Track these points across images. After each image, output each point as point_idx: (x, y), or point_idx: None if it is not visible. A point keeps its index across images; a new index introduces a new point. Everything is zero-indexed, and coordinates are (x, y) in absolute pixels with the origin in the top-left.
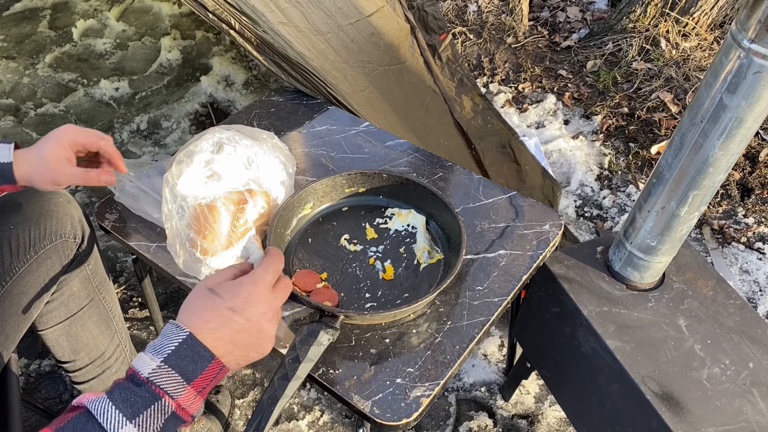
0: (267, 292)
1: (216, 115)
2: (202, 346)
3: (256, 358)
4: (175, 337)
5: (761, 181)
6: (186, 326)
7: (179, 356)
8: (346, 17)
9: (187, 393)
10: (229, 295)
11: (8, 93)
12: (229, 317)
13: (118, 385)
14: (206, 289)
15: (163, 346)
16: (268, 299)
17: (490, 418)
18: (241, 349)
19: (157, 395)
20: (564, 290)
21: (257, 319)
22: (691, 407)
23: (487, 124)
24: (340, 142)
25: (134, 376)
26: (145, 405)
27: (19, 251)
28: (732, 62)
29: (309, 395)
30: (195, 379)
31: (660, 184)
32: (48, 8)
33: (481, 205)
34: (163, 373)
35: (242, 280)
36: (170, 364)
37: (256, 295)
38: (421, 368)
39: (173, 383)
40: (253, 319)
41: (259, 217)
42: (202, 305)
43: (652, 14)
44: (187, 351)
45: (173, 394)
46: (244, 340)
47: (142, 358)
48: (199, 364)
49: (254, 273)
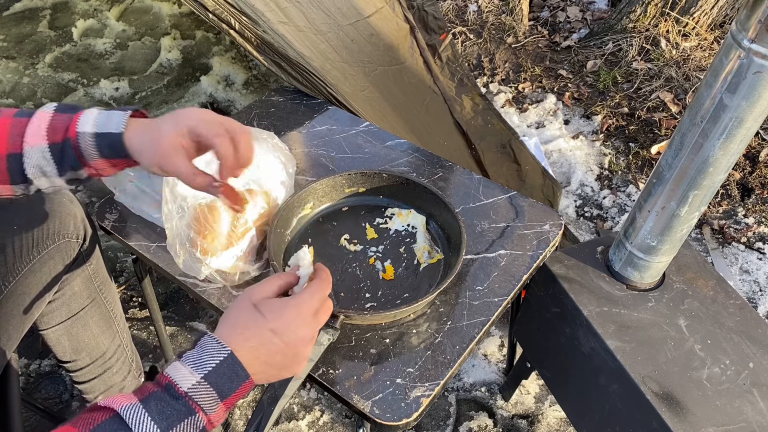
0: (310, 318)
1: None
2: (241, 366)
3: (286, 377)
4: (217, 354)
5: (761, 181)
6: (226, 342)
7: (219, 374)
8: (345, 17)
9: (219, 410)
10: (272, 315)
11: (8, 93)
12: (269, 339)
13: (154, 394)
14: (250, 305)
15: (203, 362)
16: (310, 324)
17: (490, 418)
18: (274, 369)
19: (193, 410)
20: (564, 290)
21: (296, 344)
22: (691, 407)
23: (487, 124)
24: (340, 142)
25: (171, 388)
26: (180, 419)
27: (22, 251)
28: (732, 62)
29: (309, 395)
30: (229, 396)
31: (660, 184)
32: (48, 8)
33: (481, 205)
34: (202, 390)
35: (288, 302)
36: (210, 381)
37: (299, 320)
38: (421, 368)
39: (209, 400)
40: (292, 344)
41: (259, 217)
42: (245, 322)
43: (652, 14)
44: (226, 370)
45: (207, 410)
46: (279, 361)
47: (180, 369)
48: (235, 383)
49: (301, 297)
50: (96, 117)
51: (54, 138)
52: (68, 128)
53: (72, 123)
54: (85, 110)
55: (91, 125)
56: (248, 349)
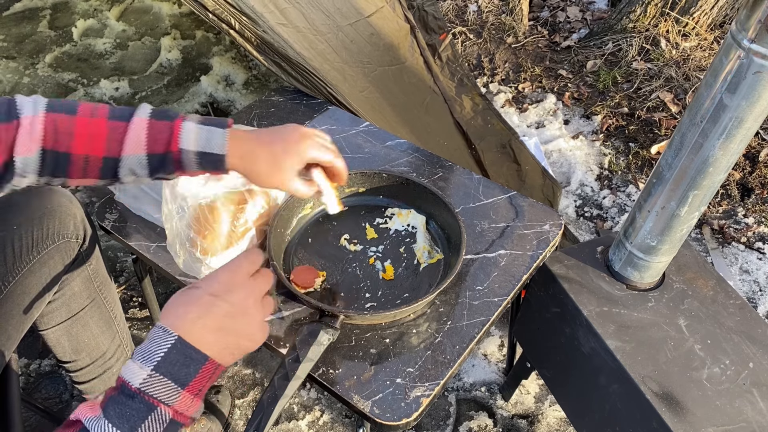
0: (245, 279)
1: (216, 115)
2: (193, 348)
3: (250, 347)
4: (164, 342)
5: (761, 181)
6: (172, 328)
7: (169, 363)
8: (345, 18)
9: (183, 398)
10: (207, 282)
11: (8, 93)
12: (210, 302)
13: (111, 398)
14: (184, 289)
15: (151, 353)
16: (247, 285)
17: (490, 418)
18: (231, 336)
19: (152, 405)
20: (564, 290)
21: (240, 303)
22: (691, 407)
23: (487, 124)
24: (340, 142)
25: (125, 387)
26: (141, 417)
27: (22, 251)
28: (732, 62)
29: (309, 395)
30: (190, 383)
31: (660, 184)
32: (48, 8)
33: (481, 205)
34: (155, 383)
35: (218, 269)
36: (161, 372)
37: (235, 279)
38: (421, 368)
39: (167, 391)
40: (236, 303)
41: (259, 217)
42: (184, 300)
43: (652, 14)
44: (177, 356)
45: (168, 402)
46: (231, 325)
47: (130, 367)
48: (192, 367)
49: (230, 262)
50: (197, 134)
51: (154, 149)
52: (170, 142)
53: (174, 137)
54: (183, 121)
55: (193, 143)
56: (196, 325)
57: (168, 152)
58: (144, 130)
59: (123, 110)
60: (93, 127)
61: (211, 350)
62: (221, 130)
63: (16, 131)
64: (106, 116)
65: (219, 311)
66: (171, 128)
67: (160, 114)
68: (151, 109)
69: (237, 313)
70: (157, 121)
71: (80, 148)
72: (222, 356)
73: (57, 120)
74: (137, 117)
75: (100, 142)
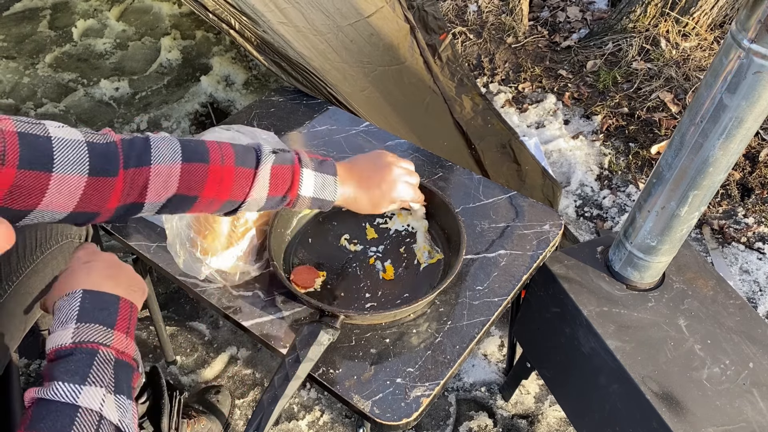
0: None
1: (216, 115)
2: (101, 293)
3: (141, 287)
4: (72, 301)
5: (761, 181)
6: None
7: (88, 312)
8: (345, 18)
9: (117, 337)
10: (71, 264)
11: (8, 93)
12: (88, 265)
13: (51, 367)
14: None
15: (67, 314)
16: (100, 253)
17: (490, 418)
18: (123, 278)
19: (92, 350)
20: (564, 290)
21: (109, 260)
22: (691, 407)
23: (487, 124)
24: (340, 142)
25: (60, 351)
26: (87, 364)
27: (25, 252)
28: (732, 62)
29: (309, 395)
30: (116, 322)
31: (660, 184)
32: (48, 8)
33: (481, 205)
34: (84, 331)
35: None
36: (85, 321)
37: (91, 252)
38: (421, 368)
39: (99, 333)
40: (107, 260)
41: (259, 217)
42: (64, 277)
43: (652, 14)
44: (91, 304)
45: (106, 342)
46: (117, 272)
47: (55, 335)
48: (111, 308)
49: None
50: (314, 180)
51: (275, 193)
52: (290, 189)
53: (294, 184)
54: (302, 166)
55: (311, 189)
56: (90, 278)
57: (286, 196)
58: (268, 177)
59: (247, 152)
60: (224, 174)
61: (116, 291)
62: (333, 178)
63: (147, 177)
64: (234, 163)
65: (99, 266)
66: (292, 175)
67: (281, 158)
68: (274, 155)
69: (114, 265)
70: (279, 167)
71: (209, 193)
72: (129, 294)
73: (192, 170)
74: (264, 164)
75: (227, 187)
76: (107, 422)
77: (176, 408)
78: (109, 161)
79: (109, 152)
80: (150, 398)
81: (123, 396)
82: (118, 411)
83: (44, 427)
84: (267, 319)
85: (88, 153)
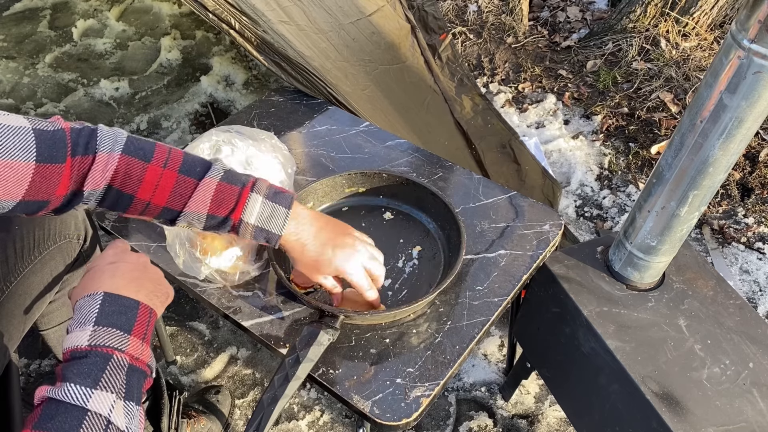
0: (127, 251)
1: (216, 115)
2: (122, 297)
3: (170, 293)
4: (93, 302)
5: (761, 181)
6: (93, 291)
7: (107, 315)
8: (347, 16)
9: (132, 343)
10: (99, 260)
11: (8, 93)
12: (114, 266)
13: (65, 367)
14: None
15: (86, 315)
16: (132, 253)
17: (490, 418)
18: (147, 282)
19: (107, 354)
20: (564, 290)
21: (137, 261)
22: (691, 407)
23: (487, 124)
24: (340, 142)
25: (75, 352)
26: (101, 368)
27: (23, 252)
28: (732, 62)
29: (309, 395)
30: (133, 328)
31: (660, 184)
32: (48, 8)
33: (481, 205)
34: (101, 334)
35: (102, 253)
36: (103, 324)
37: (119, 251)
38: (421, 368)
39: (115, 338)
40: (133, 262)
41: None
42: (89, 277)
43: (652, 14)
44: (111, 307)
45: (121, 347)
46: (142, 275)
47: (72, 335)
48: (129, 314)
49: (106, 250)
50: (261, 209)
51: (216, 212)
52: (234, 210)
53: (238, 207)
54: (251, 191)
55: (255, 217)
56: (114, 281)
57: (228, 218)
58: (212, 193)
59: (195, 163)
60: (163, 179)
61: (137, 296)
62: (284, 211)
63: (90, 165)
64: (177, 169)
65: (125, 268)
66: (238, 198)
67: (231, 177)
68: (224, 172)
69: (140, 268)
70: (226, 185)
71: (145, 195)
72: (150, 300)
73: (130, 164)
74: (208, 178)
75: (165, 193)
76: (114, 428)
77: (176, 408)
78: (57, 148)
79: (57, 139)
80: (150, 398)
81: (132, 402)
82: (125, 417)
83: (52, 427)
84: (267, 319)
85: (34, 139)
